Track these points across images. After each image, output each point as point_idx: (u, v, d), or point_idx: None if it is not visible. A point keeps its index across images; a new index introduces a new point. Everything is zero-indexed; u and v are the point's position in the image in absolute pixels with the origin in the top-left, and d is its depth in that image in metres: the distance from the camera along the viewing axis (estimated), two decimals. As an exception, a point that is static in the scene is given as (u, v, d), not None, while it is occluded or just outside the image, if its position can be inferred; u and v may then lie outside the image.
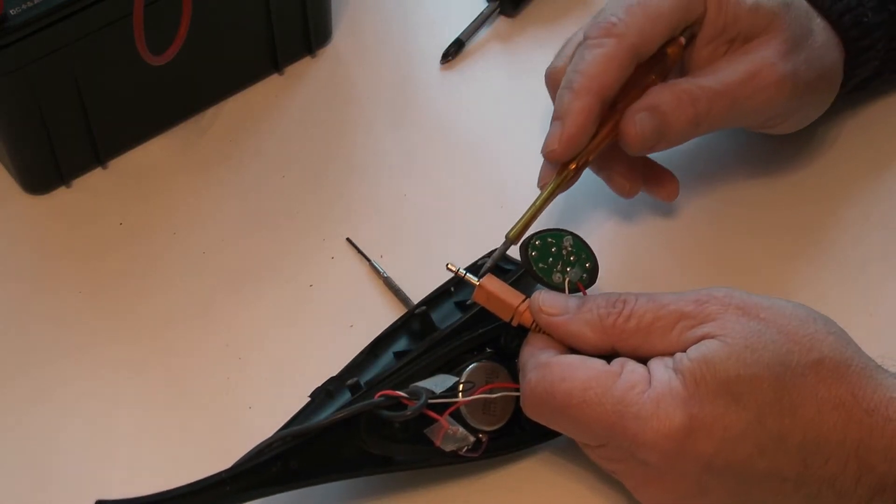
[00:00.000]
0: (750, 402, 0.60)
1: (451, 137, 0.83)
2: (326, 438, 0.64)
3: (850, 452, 0.60)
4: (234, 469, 0.63)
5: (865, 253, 0.77)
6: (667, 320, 0.63)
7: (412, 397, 0.64)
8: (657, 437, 0.60)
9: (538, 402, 0.63)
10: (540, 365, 0.63)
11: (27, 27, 0.73)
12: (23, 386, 0.73)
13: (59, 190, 0.81)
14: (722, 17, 0.72)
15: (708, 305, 0.62)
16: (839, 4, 0.75)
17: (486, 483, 0.68)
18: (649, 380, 0.61)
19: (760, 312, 0.62)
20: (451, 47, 0.87)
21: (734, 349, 0.60)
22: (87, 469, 0.69)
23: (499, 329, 0.67)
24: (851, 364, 0.61)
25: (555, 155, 0.70)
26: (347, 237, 0.78)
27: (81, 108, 0.78)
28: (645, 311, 0.63)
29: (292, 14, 0.84)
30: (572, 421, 0.62)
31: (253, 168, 0.82)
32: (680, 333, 0.62)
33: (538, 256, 0.67)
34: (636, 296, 0.64)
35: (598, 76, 0.69)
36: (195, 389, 0.72)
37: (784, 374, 0.60)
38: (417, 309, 0.69)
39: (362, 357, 0.69)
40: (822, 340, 0.61)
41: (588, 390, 0.61)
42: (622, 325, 0.63)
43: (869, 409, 0.60)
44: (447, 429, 0.64)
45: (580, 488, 0.68)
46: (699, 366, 0.60)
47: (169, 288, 0.76)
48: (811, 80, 0.73)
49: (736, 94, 0.71)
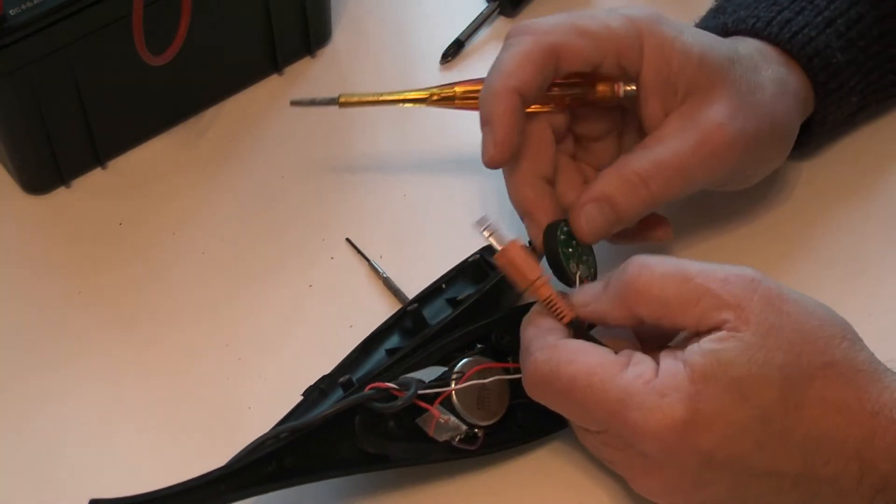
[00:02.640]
0: (756, 400, 0.60)
1: (451, 137, 0.83)
2: (321, 436, 0.64)
3: (851, 453, 0.60)
4: (229, 467, 0.63)
5: (865, 252, 0.77)
6: (691, 294, 0.62)
7: (402, 388, 0.64)
8: (658, 429, 0.60)
9: (541, 382, 0.63)
10: (548, 346, 0.63)
11: (27, 27, 0.73)
12: (22, 386, 0.73)
13: (59, 190, 0.81)
14: (665, 67, 0.69)
15: (734, 287, 0.61)
16: (808, 48, 0.73)
17: (484, 481, 0.68)
18: (656, 371, 0.61)
19: (784, 305, 0.61)
20: (450, 47, 0.87)
21: (748, 348, 0.60)
22: (87, 469, 0.69)
23: (489, 326, 0.68)
24: (861, 368, 0.61)
25: (495, 161, 0.68)
26: (347, 237, 0.78)
27: (81, 108, 0.78)
28: (671, 280, 0.62)
29: (292, 14, 0.84)
30: (574, 404, 0.62)
31: (253, 168, 0.82)
32: (703, 313, 0.61)
33: (565, 241, 0.68)
34: (663, 262, 0.63)
35: (515, 72, 0.68)
36: (195, 389, 0.72)
37: (793, 376, 0.60)
38: (409, 306, 0.70)
39: (355, 355, 0.69)
40: (837, 345, 0.61)
41: (593, 375, 0.61)
42: (646, 290, 0.62)
43: (874, 410, 0.60)
44: (438, 417, 0.64)
45: (579, 485, 0.68)
46: (710, 361, 0.60)
47: (169, 288, 0.76)
48: (762, 135, 0.71)
49: (688, 164, 0.69)
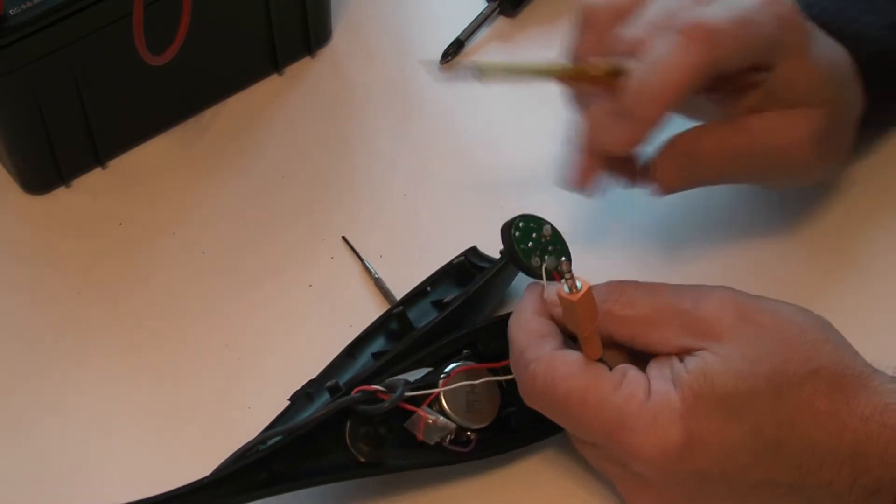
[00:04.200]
0: (747, 414, 0.59)
1: (451, 137, 0.83)
2: (310, 442, 0.63)
3: (844, 458, 0.60)
4: (216, 474, 0.63)
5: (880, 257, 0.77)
6: (665, 314, 0.62)
7: (389, 390, 0.63)
8: (653, 452, 0.59)
9: (538, 395, 0.63)
10: (543, 357, 0.62)
11: (27, 27, 0.73)
12: (21, 386, 0.73)
13: (59, 190, 0.81)
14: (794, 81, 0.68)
15: (705, 305, 0.62)
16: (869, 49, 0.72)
17: (479, 486, 0.68)
18: (648, 391, 0.61)
19: (759, 317, 0.62)
20: (450, 47, 0.87)
21: (731, 362, 0.60)
22: (86, 470, 0.69)
23: (476, 333, 0.67)
24: (848, 372, 0.61)
25: (618, 153, 0.68)
26: (343, 235, 0.78)
27: (81, 108, 0.78)
28: (643, 303, 0.63)
29: (292, 14, 0.84)
30: (570, 419, 0.62)
31: (253, 168, 0.82)
32: (677, 333, 0.62)
33: (520, 238, 0.67)
34: (636, 285, 0.64)
35: (683, 88, 0.65)
36: (194, 389, 0.72)
37: (781, 385, 0.60)
38: (395, 309, 0.69)
39: (340, 359, 0.69)
40: (820, 349, 0.61)
41: (588, 396, 0.61)
42: (619, 312, 0.63)
43: (864, 416, 0.60)
44: (426, 419, 0.64)
45: (577, 490, 0.68)
46: (697, 379, 0.60)
47: (169, 288, 0.76)
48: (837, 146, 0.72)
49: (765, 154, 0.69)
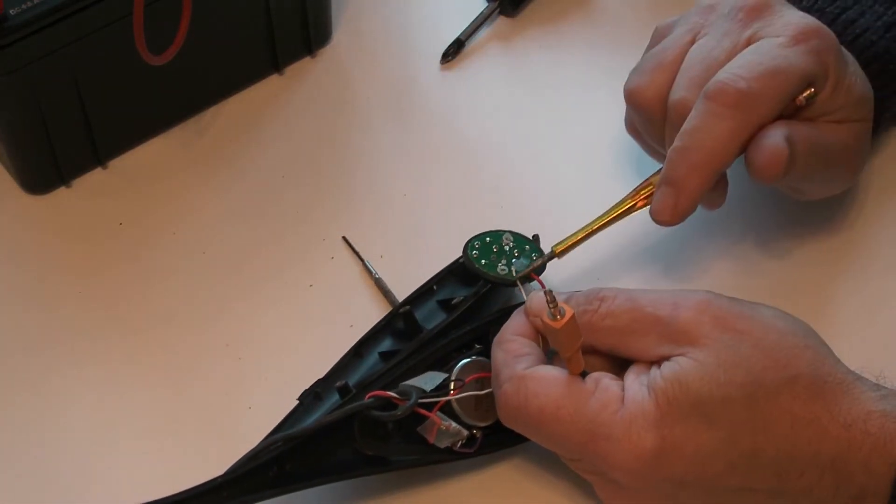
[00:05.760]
0: (722, 421, 0.59)
1: (451, 137, 0.83)
2: (320, 441, 0.64)
3: (825, 465, 0.59)
4: (230, 474, 0.63)
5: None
6: (643, 323, 0.62)
7: (402, 396, 0.63)
8: (628, 459, 0.59)
9: (512, 415, 0.63)
10: (515, 377, 0.63)
11: (27, 27, 0.73)
12: (21, 386, 0.73)
13: (59, 190, 0.81)
14: (832, 101, 0.69)
15: (683, 312, 0.62)
16: (868, 52, 0.73)
17: (482, 480, 0.68)
18: (622, 398, 0.60)
19: (737, 323, 0.61)
20: (450, 47, 0.87)
21: (707, 368, 0.60)
22: (86, 471, 0.69)
23: (486, 326, 0.67)
24: (829, 379, 0.60)
25: (665, 223, 0.68)
26: (343, 235, 0.78)
27: (81, 108, 0.78)
28: (622, 312, 0.63)
29: (292, 14, 0.84)
30: (545, 436, 0.62)
31: (253, 168, 0.82)
32: (656, 341, 0.62)
33: (479, 255, 0.70)
34: (615, 294, 0.64)
35: (721, 153, 0.66)
36: (195, 390, 0.72)
37: (757, 393, 0.60)
38: (401, 308, 0.69)
39: (347, 359, 0.69)
40: (800, 356, 0.61)
41: (560, 409, 0.61)
42: (598, 322, 0.63)
43: (846, 423, 0.59)
44: (439, 425, 0.64)
45: (577, 489, 0.68)
46: (671, 385, 0.60)
47: (169, 288, 0.76)
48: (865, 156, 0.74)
49: None
